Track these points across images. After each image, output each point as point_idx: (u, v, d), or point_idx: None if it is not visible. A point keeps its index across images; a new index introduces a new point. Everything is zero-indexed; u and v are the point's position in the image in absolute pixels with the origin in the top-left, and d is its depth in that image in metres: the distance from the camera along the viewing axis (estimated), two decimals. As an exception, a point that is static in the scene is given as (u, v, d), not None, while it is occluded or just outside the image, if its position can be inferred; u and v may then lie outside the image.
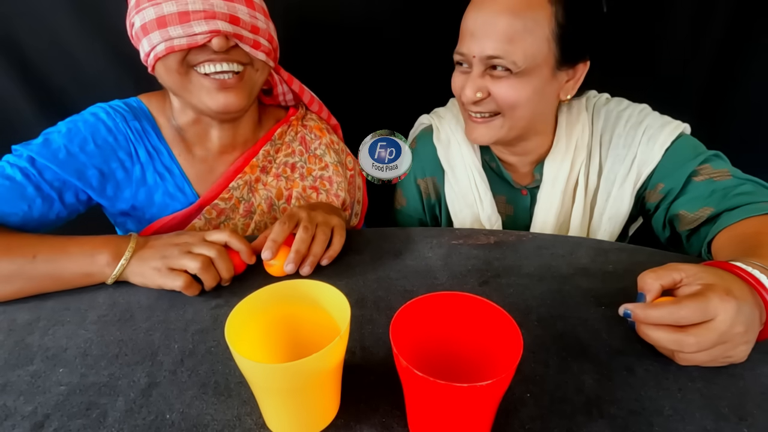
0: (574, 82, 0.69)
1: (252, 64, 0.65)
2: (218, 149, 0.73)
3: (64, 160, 0.63)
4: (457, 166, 0.79)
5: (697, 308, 0.38)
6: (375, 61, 1.01)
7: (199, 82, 0.63)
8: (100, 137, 0.66)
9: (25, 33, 0.86)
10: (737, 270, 0.43)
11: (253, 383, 0.35)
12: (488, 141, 0.71)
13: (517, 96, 0.65)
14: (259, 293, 0.38)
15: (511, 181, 0.79)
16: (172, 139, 0.71)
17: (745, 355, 0.41)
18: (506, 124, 0.68)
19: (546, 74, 0.65)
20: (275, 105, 0.83)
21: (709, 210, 0.62)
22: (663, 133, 0.68)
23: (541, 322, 0.49)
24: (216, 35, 0.59)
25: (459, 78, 0.69)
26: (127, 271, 0.54)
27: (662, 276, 0.43)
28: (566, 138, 0.74)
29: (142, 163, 0.69)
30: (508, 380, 0.31)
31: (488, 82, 0.65)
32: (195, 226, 0.71)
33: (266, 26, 0.66)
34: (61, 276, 0.54)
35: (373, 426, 0.37)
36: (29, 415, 0.39)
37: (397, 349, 0.31)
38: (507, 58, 0.62)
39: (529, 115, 0.68)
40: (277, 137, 0.77)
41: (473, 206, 0.79)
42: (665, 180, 0.68)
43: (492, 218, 0.79)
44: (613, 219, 0.74)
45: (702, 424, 0.37)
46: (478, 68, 0.65)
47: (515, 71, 0.62)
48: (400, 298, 0.53)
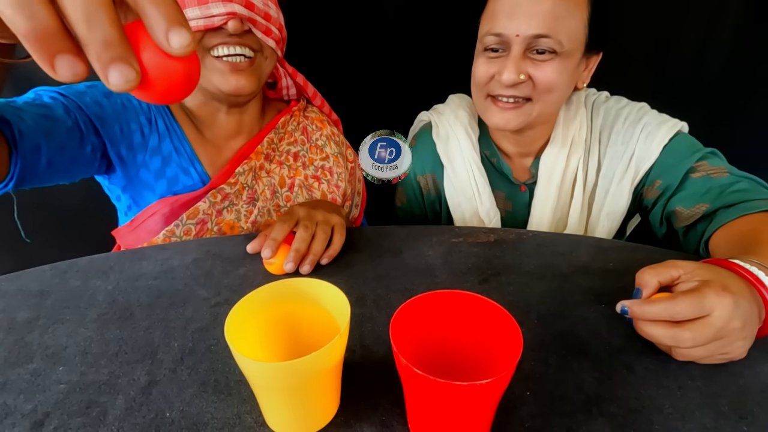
0: (588, 72, 0.70)
1: (262, 51, 0.68)
2: (225, 134, 0.75)
3: (90, 103, 0.63)
4: (456, 161, 0.79)
5: (693, 303, 0.39)
6: (375, 59, 1.01)
7: (212, 64, 0.65)
8: (124, 97, 0.67)
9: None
10: (735, 267, 0.43)
11: (252, 382, 0.35)
12: (516, 126, 0.70)
13: (557, 79, 0.64)
14: (258, 291, 0.38)
15: (511, 176, 0.79)
16: (183, 120, 0.73)
17: (744, 352, 0.41)
18: (536, 109, 0.68)
19: (577, 59, 0.66)
20: (277, 99, 0.85)
21: (705, 206, 0.62)
22: (661, 131, 0.68)
23: (541, 320, 0.49)
24: (232, 17, 0.61)
25: (488, 64, 0.68)
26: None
27: (660, 273, 0.44)
28: (563, 133, 0.74)
29: (159, 133, 0.70)
30: (508, 378, 0.31)
31: (528, 65, 0.64)
32: (199, 209, 0.71)
33: (277, 15, 0.69)
34: None
35: (373, 424, 0.37)
36: (29, 414, 0.39)
37: (396, 348, 0.31)
38: (554, 37, 0.61)
39: (560, 100, 0.69)
40: (280, 126, 0.79)
41: (472, 200, 0.80)
42: (663, 176, 0.68)
43: (491, 213, 0.79)
44: (612, 215, 0.74)
45: (702, 423, 0.37)
46: (519, 49, 0.64)
47: (559, 52, 0.62)
48: (399, 296, 0.53)
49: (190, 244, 0.64)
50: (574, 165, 0.74)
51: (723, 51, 1.00)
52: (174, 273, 0.58)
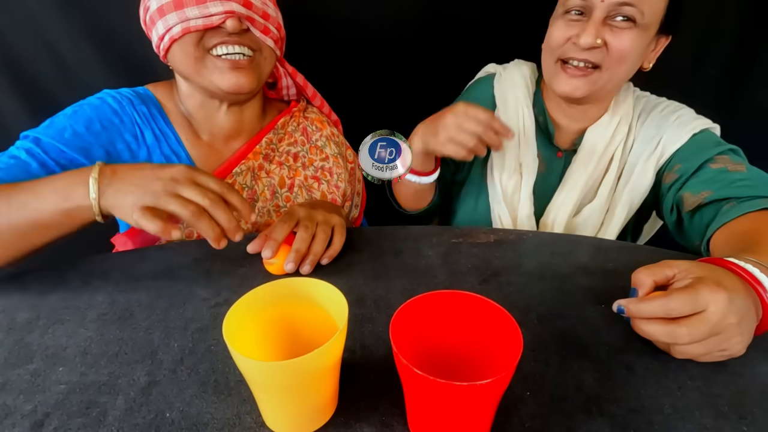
0: (655, 53, 0.71)
1: (261, 51, 0.68)
2: (224, 135, 0.75)
3: (70, 138, 0.63)
4: (510, 102, 0.81)
5: (687, 299, 0.39)
6: (375, 59, 1.01)
7: (212, 63, 0.65)
8: (105, 119, 0.67)
9: (12, 32, 0.86)
10: (730, 265, 0.43)
11: (251, 381, 0.35)
12: (582, 94, 0.70)
13: (631, 49, 0.66)
14: (257, 291, 0.38)
15: (553, 138, 0.80)
16: (179, 123, 0.73)
17: (743, 348, 0.41)
18: (603, 79, 0.69)
19: (651, 35, 0.67)
20: (278, 99, 0.85)
21: (708, 193, 0.63)
22: (694, 122, 0.71)
23: (541, 320, 0.49)
24: (231, 16, 0.62)
25: (566, 26, 0.69)
26: (105, 204, 0.50)
27: (655, 272, 0.44)
28: (613, 110, 0.76)
29: (148, 146, 0.70)
30: (508, 379, 0.31)
31: (606, 31, 0.65)
32: None
33: (275, 14, 0.69)
34: (39, 219, 0.51)
35: (373, 424, 0.37)
36: (29, 414, 0.39)
37: (396, 348, 0.31)
38: (638, 6, 0.63)
39: (627, 72, 0.70)
40: (279, 127, 0.79)
41: (515, 148, 0.80)
42: (683, 162, 0.70)
43: (529, 162, 0.79)
44: (633, 192, 0.75)
45: (701, 423, 0.37)
46: (601, 14, 0.65)
47: (640, 22, 0.64)
48: (399, 296, 0.53)
49: (190, 244, 0.64)
50: (616, 142, 0.76)
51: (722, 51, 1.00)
52: (174, 273, 0.58)
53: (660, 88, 0.81)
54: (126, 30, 0.85)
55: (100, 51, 0.90)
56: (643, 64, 0.71)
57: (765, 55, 0.99)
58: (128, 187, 0.49)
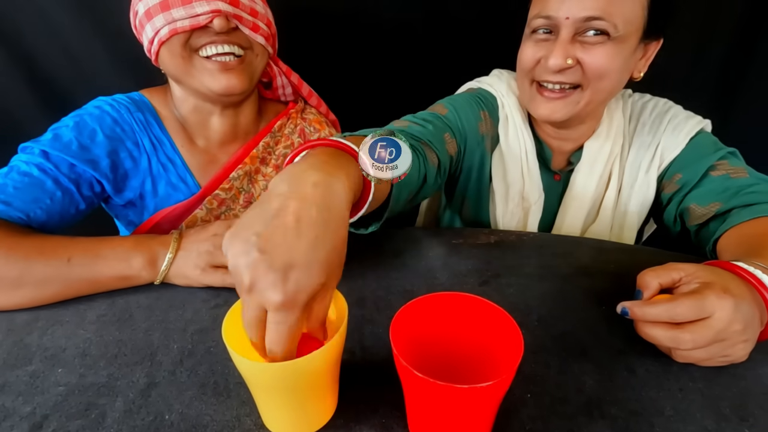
0: (645, 60, 0.67)
1: (252, 48, 0.67)
2: (220, 139, 0.74)
3: (77, 151, 0.63)
4: (510, 128, 0.75)
5: (693, 305, 0.39)
6: (374, 59, 1.01)
7: (201, 65, 0.64)
8: (107, 127, 0.67)
9: (29, 31, 0.87)
10: (737, 269, 0.42)
11: (250, 383, 0.35)
12: (562, 117, 0.66)
13: (609, 64, 0.60)
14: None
15: (549, 163, 0.76)
16: (174, 129, 0.72)
17: (745, 354, 0.41)
18: (584, 99, 0.64)
19: (633, 45, 0.62)
20: (275, 100, 0.84)
21: (718, 205, 0.61)
22: (689, 124, 0.69)
23: (542, 322, 0.48)
24: (217, 15, 0.61)
25: (535, 47, 0.64)
26: (169, 273, 0.54)
27: (661, 275, 0.44)
28: (608, 122, 0.73)
29: (147, 153, 0.70)
30: (509, 381, 0.31)
31: (577, 49, 0.60)
32: (197, 216, 0.71)
33: (264, 11, 0.68)
34: (97, 280, 0.53)
35: (373, 426, 0.37)
36: (28, 416, 0.39)
37: (396, 350, 0.31)
38: (609, 20, 0.58)
39: (611, 88, 0.65)
40: (276, 129, 0.78)
41: (518, 183, 0.76)
42: (683, 171, 0.68)
43: (533, 193, 0.75)
44: (640, 205, 0.74)
45: (703, 425, 0.37)
46: (568, 32, 0.60)
47: (613, 36, 0.59)
48: (400, 298, 0.53)
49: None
50: (615, 153, 0.73)
51: (721, 52, 1.00)
52: (173, 274, 0.58)
53: (658, 88, 0.80)
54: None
55: (115, 51, 0.91)
56: (633, 74, 0.67)
57: (765, 55, 0.99)
58: (185, 252, 0.54)
